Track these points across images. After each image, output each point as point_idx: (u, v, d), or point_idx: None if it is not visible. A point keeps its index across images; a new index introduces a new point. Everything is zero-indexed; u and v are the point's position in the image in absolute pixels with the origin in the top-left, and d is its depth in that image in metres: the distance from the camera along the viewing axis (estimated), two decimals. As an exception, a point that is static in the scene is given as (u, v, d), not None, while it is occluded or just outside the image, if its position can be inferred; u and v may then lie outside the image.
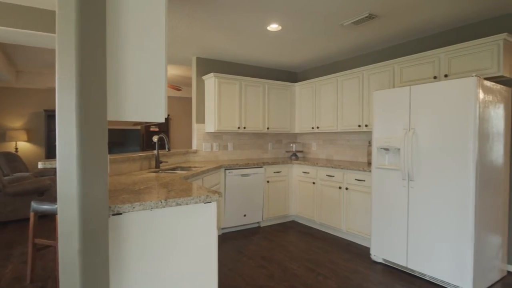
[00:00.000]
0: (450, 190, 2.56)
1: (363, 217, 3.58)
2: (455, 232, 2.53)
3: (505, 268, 2.91)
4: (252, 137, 5.02)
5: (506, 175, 2.90)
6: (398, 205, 2.96)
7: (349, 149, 4.55)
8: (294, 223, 4.59)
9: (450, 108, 2.56)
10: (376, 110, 3.17)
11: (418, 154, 2.78)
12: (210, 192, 1.84)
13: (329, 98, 4.43)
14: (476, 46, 2.87)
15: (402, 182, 2.91)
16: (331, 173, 3.98)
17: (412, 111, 2.84)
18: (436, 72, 3.17)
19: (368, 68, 3.85)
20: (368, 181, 3.51)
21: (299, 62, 4.91)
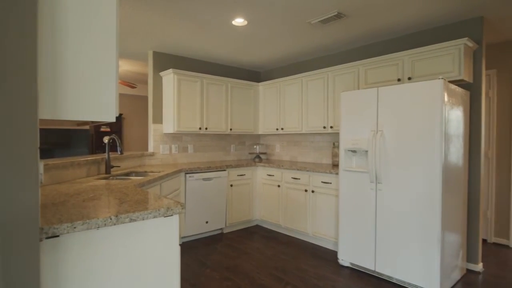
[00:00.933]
0: (418, 191, 2.56)
1: (329, 220, 3.52)
2: (423, 233, 2.53)
3: (465, 266, 3.01)
4: (214, 138, 4.76)
5: (465, 176, 2.99)
6: (366, 207, 2.91)
7: (313, 151, 4.50)
8: (259, 228, 4.42)
9: (418, 110, 2.56)
10: (343, 111, 3.11)
11: (386, 156, 2.76)
12: (172, 203, 1.58)
13: (294, 99, 4.34)
14: (438, 50, 2.92)
15: (370, 184, 2.87)
16: (297, 176, 3.87)
17: (380, 112, 2.81)
18: (400, 74, 3.20)
19: (333, 69, 3.81)
20: (335, 183, 3.45)
21: (264, 61, 4.76)
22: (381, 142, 2.78)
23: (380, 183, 2.80)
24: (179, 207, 1.55)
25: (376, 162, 2.79)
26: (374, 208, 2.85)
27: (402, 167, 2.65)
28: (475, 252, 3.03)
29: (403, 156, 2.64)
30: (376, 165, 2.80)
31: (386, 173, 2.76)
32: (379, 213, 2.81)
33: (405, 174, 2.63)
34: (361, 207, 2.95)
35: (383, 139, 2.77)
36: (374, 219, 2.85)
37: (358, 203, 2.98)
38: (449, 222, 2.61)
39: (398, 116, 2.68)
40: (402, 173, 2.65)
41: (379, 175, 2.79)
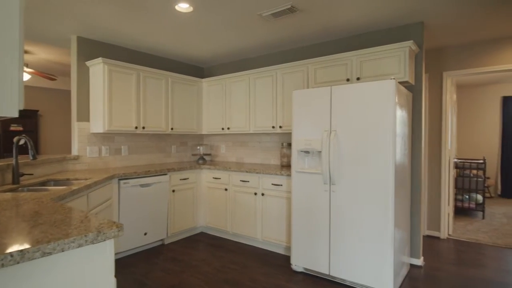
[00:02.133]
0: (371, 192, 2.54)
1: (281, 224, 3.37)
2: (376, 233, 2.52)
3: (409, 261, 3.12)
4: (152, 138, 4.28)
5: (409, 174, 3.10)
6: (319, 210, 2.82)
7: (261, 151, 4.33)
8: (204, 235, 4.09)
9: (371, 110, 2.54)
10: (295, 110, 2.98)
11: (340, 156, 2.69)
12: (105, 225, 1.22)
13: (241, 97, 4.11)
14: (385, 52, 2.97)
15: (324, 186, 2.79)
16: (245, 178, 3.65)
17: (333, 112, 2.74)
18: (349, 74, 3.20)
19: (282, 67, 3.69)
20: (286, 185, 3.31)
21: (208, 56, 4.44)
22: (334, 143, 2.71)
23: (333, 184, 2.73)
24: (115, 229, 1.20)
25: (330, 163, 2.72)
26: (328, 210, 2.77)
27: (356, 167, 2.61)
28: (417, 246, 3.17)
29: (357, 157, 2.60)
30: (330, 166, 2.72)
31: (339, 174, 2.69)
32: (333, 215, 2.74)
33: (358, 174, 2.60)
34: (314, 210, 2.85)
35: (337, 139, 2.71)
36: (328, 222, 2.77)
37: (311, 206, 2.87)
38: (399, 220, 2.65)
39: (351, 115, 2.63)
40: (356, 174, 2.61)
41: (333, 176, 2.71)
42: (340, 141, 2.69)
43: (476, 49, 3.80)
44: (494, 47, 3.69)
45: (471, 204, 5.24)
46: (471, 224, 4.71)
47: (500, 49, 3.66)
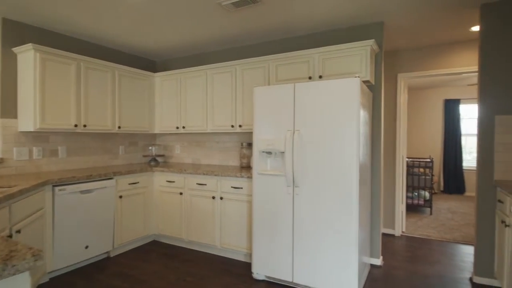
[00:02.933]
0: (336, 194, 2.44)
1: (241, 229, 3.17)
2: (341, 236, 2.43)
3: (369, 262, 3.10)
4: (96, 138, 3.82)
5: (370, 174, 3.09)
6: (282, 214, 2.67)
7: (219, 152, 4.09)
8: (157, 244, 3.74)
9: (335, 108, 2.44)
10: (257, 109, 2.80)
11: (304, 157, 2.56)
12: (20, 251, 0.92)
13: (198, 94, 3.83)
14: (348, 50, 2.91)
15: (287, 188, 2.64)
16: (202, 181, 3.39)
17: (297, 110, 2.60)
18: (311, 72, 3.10)
19: (242, 63, 3.49)
20: (246, 188, 3.12)
21: (162, 48, 4.08)
22: (298, 143, 2.57)
23: (297, 187, 2.59)
24: (30, 258, 0.90)
25: (294, 165, 2.57)
26: (291, 214, 2.63)
27: (320, 168, 2.50)
28: (377, 246, 3.17)
29: (321, 157, 2.49)
30: (294, 167, 2.58)
31: (303, 176, 2.56)
32: (297, 219, 2.60)
33: (323, 176, 2.49)
34: (277, 214, 2.70)
35: (301, 140, 2.57)
36: (291, 226, 2.63)
37: (273, 209, 2.71)
38: (362, 221, 2.59)
39: (316, 114, 2.52)
40: (320, 175, 2.50)
41: (297, 178, 2.58)
42: (304, 141, 2.56)
43: (427, 53, 3.95)
44: (441, 51, 3.86)
45: (420, 201, 5.51)
46: (421, 220, 4.93)
47: (446, 53, 3.83)
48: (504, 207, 2.39)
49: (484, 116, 2.73)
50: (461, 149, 7.33)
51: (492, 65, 2.69)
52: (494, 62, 2.68)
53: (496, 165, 2.68)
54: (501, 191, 2.48)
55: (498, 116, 2.67)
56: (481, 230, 2.74)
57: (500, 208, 2.52)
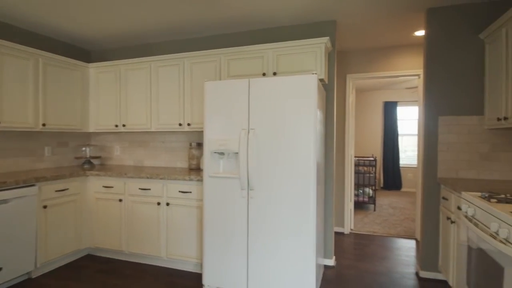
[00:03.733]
0: (293, 195, 2.32)
1: (190, 237, 2.89)
2: (299, 240, 2.31)
3: (323, 263, 3.06)
4: (14, 137, 3.22)
5: (324, 174, 3.04)
6: (236, 219, 2.47)
7: (165, 153, 3.75)
8: (92, 259, 3.28)
9: (292, 106, 2.31)
10: (208, 105, 2.56)
11: (259, 158, 2.40)
12: None
13: (140, 88, 3.45)
14: (302, 47, 2.82)
15: (241, 192, 2.45)
16: (146, 186, 3.04)
17: (251, 108, 2.42)
18: (265, 68, 2.95)
19: (191, 56, 3.21)
20: (196, 192, 2.86)
21: (99, 36, 3.60)
22: (253, 142, 2.40)
23: (252, 189, 2.42)
24: None
25: (248, 166, 2.39)
26: (246, 219, 2.44)
27: (277, 169, 2.35)
28: (330, 246, 3.14)
29: (278, 158, 2.35)
30: (248, 169, 2.40)
31: (259, 178, 2.40)
32: (252, 224, 2.43)
33: (279, 177, 2.35)
34: (230, 219, 2.49)
35: (256, 139, 2.40)
36: (245, 232, 2.45)
37: (226, 215, 2.50)
38: (318, 223, 2.51)
39: (271, 112, 2.37)
40: (276, 177, 2.35)
41: (252, 180, 2.40)
42: (260, 141, 2.39)
43: (373, 55, 4.07)
44: (386, 54, 4.01)
45: (365, 198, 5.75)
46: (366, 217, 5.12)
47: (391, 56, 3.99)
48: (449, 204, 2.49)
49: (429, 117, 2.84)
50: (398, 148, 7.87)
51: (437, 69, 2.81)
52: (439, 66, 2.80)
53: (440, 164, 2.81)
54: (446, 188, 2.59)
55: (441, 117, 2.80)
56: (426, 226, 2.86)
57: (444, 204, 2.63)
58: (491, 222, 1.53)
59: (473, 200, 1.82)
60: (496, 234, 1.47)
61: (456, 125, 2.76)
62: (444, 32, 2.78)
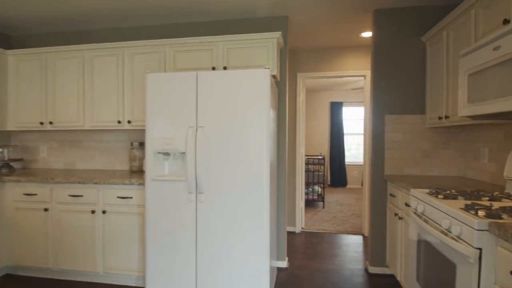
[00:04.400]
0: (245, 198, 2.17)
1: (131, 248, 2.59)
2: (251, 245, 2.17)
3: (276, 265, 2.96)
4: None
5: (276, 173, 2.94)
6: (183, 226, 2.25)
7: (101, 154, 3.35)
8: (12, 279, 2.78)
9: (244, 102, 2.16)
10: (150, 100, 2.29)
11: (209, 158, 2.20)
12: None
13: (72, 80, 3.03)
14: (254, 41, 2.69)
15: (189, 196, 2.24)
16: (77, 192, 2.65)
17: (200, 103, 2.22)
18: (215, 62, 2.76)
19: (132, 45, 2.89)
20: (137, 198, 2.56)
21: (22, 18, 3.07)
22: (202, 141, 2.20)
23: (201, 193, 2.22)
24: None
25: (197, 167, 2.19)
26: (194, 224, 2.23)
27: (228, 170, 2.18)
28: (283, 248, 3.06)
29: (229, 157, 2.18)
30: (197, 170, 2.19)
31: (209, 180, 2.20)
32: (201, 230, 2.23)
33: (230, 179, 2.18)
34: (176, 226, 2.26)
35: (205, 137, 2.21)
36: (194, 239, 2.24)
37: (172, 221, 2.27)
38: (272, 225, 2.40)
39: (221, 108, 2.19)
40: (228, 178, 2.18)
41: (200, 183, 2.20)
42: (209, 139, 2.20)
43: (323, 55, 4.11)
44: (334, 54, 4.08)
45: (314, 196, 5.85)
46: (316, 215, 5.20)
47: (338, 57, 4.07)
48: (396, 200, 2.55)
49: (376, 116, 2.91)
50: (344, 147, 8.21)
51: (383, 69, 2.88)
52: (385, 66, 2.87)
53: (386, 161, 2.89)
54: (393, 185, 2.66)
55: (387, 116, 2.88)
56: (374, 223, 2.92)
57: (391, 201, 2.70)
58: (442, 219, 1.54)
59: (422, 197, 1.85)
60: (448, 231, 1.48)
61: (401, 124, 2.86)
62: (390, 33, 2.86)
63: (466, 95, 1.87)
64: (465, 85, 1.87)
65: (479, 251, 1.25)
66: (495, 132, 2.25)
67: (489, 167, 2.32)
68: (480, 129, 2.45)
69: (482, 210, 1.37)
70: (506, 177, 1.90)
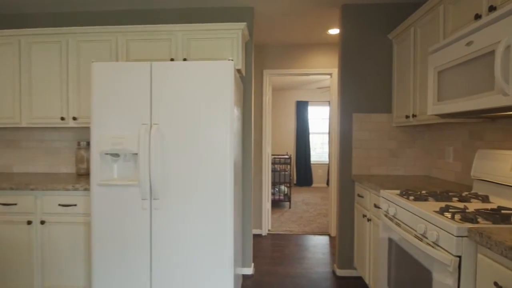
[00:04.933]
0: (207, 204, 1.96)
1: (75, 263, 2.26)
2: (214, 255, 1.97)
3: (241, 273, 2.78)
4: None
5: (241, 174, 2.76)
6: (135, 236, 1.99)
7: (44, 155, 2.95)
8: None
9: (206, 97, 1.95)
10: (96, 92, 2.00)
11: (165, 160, 1.96)
12: None
13: (5, 70, 2.61)
14: (217, 31, 2.48)
15: (142, 202, 1.98)
16: (10, 200, 2.27)
17: (155, 98, 1.97)
18: (173, 53, 2.51)
19: (78, 32, 2.55)
20: (83, 205, 2.24)
21: None
22: (157, 140, 1.95)
23: (156, 199, 1.97)
24: None
25: (151, 169, 1.93)
26: (149, 234, 1.98)
27: (187, 173, 1.96)
28: (249, 254, 2.89)
29: (188, 159, 1.96)
30: (151, 173, 1.94)
31: (165, 184, 1.96)
32: (156, 240, 1.98)
33: (190, 183, 1.96)
34: (128, 237, 1.99)
35: (161, 136, 1.96)
36: (148, 251, 1.99)
37: (123, 232, 1.99)
38: (236, 231, 2.21)
39: (180, 104, 1.96)
40: (187, 182, 1.96)
41: (156, 187, 1.95)
42: (166, 138, 1.96)
43: (289, 52, 3.99)
44: (301, 51, 3.98)
45: (280, 196, 5.75)
46: (282, 216, 5.09)
47: (305, 54, 3.98)
48: (364, 201, 2.48)
49: (344, 114, 2.83)
50: (309, 146, 8.23)
51: (351, 66, 2.80)
52: (353, 63, 2.80)
53: (353, 161, 2.82)
54: (361, 186, 2.59)
55: (355, 114, 2.81)
56: (342, 224, 2.84)
57: (359, 202, 2.63)
58: (417, 224, 1.45)
59: (393, 199, 1.76)
60: (423, 236, 1.39)
61: (368, 122, 2.80)
62: (359, 30, 2.79)
63: (435, 93, 1.81)
64: (435, 82, 1.81)
65: (459, 259, 1.16)
66: (460, 131, 2.25)
67: (454, 166, 2.32)
68: (445, 128, 2.44)
69: (458, 214, 1.29)
70: (473, 177, 1.88)
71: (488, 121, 1.96)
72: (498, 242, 0.99)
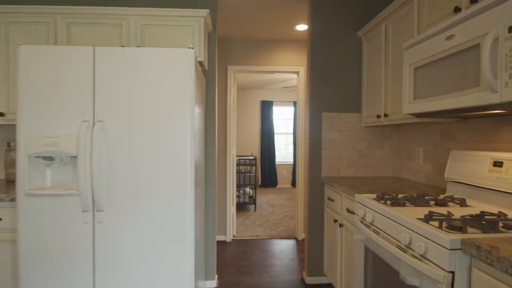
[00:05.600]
0: (163, 215, 1.69)
1: None
2: (170, 273, 1.70)
3: (204, 286, 2.53)
4: None
5: (204, 177, 2.51)
6: (74, 256, 1.66)
7: (-34, 158, 2.47)
8: None
9: (161, 90, 1.68)
10: (24, 81, 1.64)
11: (112, 163, 1.66)
12: None
13: None
14: (175, 18, 2.20)
15: (83, 215, 1.65)
16: None
17: (98, 91, 1.66)
18: (125, 41, 2.19)
19: (7, 11, 2.13)
20: (9, 219, 1.85)
21: None
22: (101, 141, 1.64)
23: (101, 210, 1.66)
24: None
25: (94, 176, 1.62)
26: (91, 253, 1.66)
27: (139, 179, 1.67)
28: (212, 265, 2.64)
29: (140, 162, 1.67)
30: (94, 180, 1.62)
31: (111, 192, 1.66)
32: (101, 261, 1.67)
33: (142, 191, 1.67)
34: (64, 257, 1.66)
35: (106, 136, 1.65)
36: (91, 273, 1.67)
37: (58, 251, 1.66)
38: (198, 243, 1.96)
39: (130, 98, 1.67)
40: (138, 190, 1.67)
41: (99, 197, 1.64)
42: (112, 138, 1.65)
43: (255, 48, 3.81)
44: (268, 48, 3.81)
45: (245, 199, 5.55)
46: (248, 219, 4.89)
47: (272, 51, 3.82)
48: (335, 205, 2.35)
49: (313, 114, 2.69)
50: (274, 147, 8.13)
51: (320, 64, 2.67)
52: (322, 61, 2.67)
53: (323, 162, 2.69)
54: (331, 189, 2.45)
55: (324, 113, 2.68)
56: (311, 230, 2.69)
57: (329, 205, 2.50)
58: (400, 233, 1.31)
59: (370, 205, 1.63)
60: (408, 248, 1.25)
61: (338, 122, 2.69)
62: (328, 26, 2.66)
63: (411, 91, 1.71)
64: (411, 80, 1.71)
65: (452, 274, 1.03)
66: (431, 131, 2.19)
67: (424, 167, 2.26)
68: (415, 128, 2.39)
69: (445, 222, 1.17)
70: (447, 179, 1.81)
71: (461, 121, 1.90)
72: (502, 258, 0.86)
